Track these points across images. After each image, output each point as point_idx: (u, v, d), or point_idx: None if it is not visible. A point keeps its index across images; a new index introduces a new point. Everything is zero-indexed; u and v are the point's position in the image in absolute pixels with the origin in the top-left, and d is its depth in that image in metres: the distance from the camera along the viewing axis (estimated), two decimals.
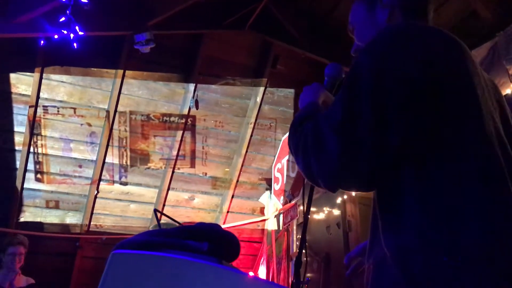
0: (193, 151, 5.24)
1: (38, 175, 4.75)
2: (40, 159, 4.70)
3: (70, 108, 4.64)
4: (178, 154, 5.12)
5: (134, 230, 5.20)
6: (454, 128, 0.96)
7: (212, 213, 5.60)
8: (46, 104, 4.54)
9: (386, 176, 0.97)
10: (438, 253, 0.86)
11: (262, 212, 5.71)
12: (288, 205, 4.92)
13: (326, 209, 4.66)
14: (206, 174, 5.41)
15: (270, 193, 5.45)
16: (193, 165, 5.31)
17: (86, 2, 2.96)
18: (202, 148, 5.26)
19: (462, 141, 0.95)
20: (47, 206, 4.87)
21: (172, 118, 5.02)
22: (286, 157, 5.03)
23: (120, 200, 5.14)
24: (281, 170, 5.16)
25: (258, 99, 5.15)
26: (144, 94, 4.82)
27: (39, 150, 4.67)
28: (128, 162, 5.04)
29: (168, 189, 5.22)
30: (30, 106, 4.43)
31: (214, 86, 5.02)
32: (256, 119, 5.21)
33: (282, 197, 5.07)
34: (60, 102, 4.59)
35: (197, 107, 4.79)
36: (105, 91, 4.66)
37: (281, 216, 5.13)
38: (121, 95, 4.68)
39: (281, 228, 5.15)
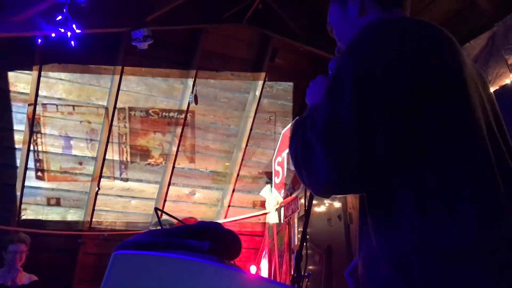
0: (193, 146, 5.24)
1: (39, 173, 4.76)
2: (40, 157, 4.71)
3: (69, 105, 4.63)
4: (178, 150, 5.12)
5: (135, 226, 5.22)
6: (445, 127, 0.94)
7: (213, 207, 5.62)
8: (45, 102, 4.53)
9: (377, 178, 0.95)
10: (434, 254, 0.87)
11: (263, 205, 5.72)
12: (289, 198, 4.93)
13: (327, 201, 4.67)
14: (207, 169, 5.41)
15: (271, 186, 5.46)
16: (193, 160, 5.31)
17: (83, 0, 2.95)
18: (202, 143, 5.26)
19: (453, 140, 0.93)
20: (49, 204, 4.88)
21: (171, 114, 5.02)
22: (286, 150, 5.03)
23: (121, 196, 5.15)
24: (281, 163, 5.17)
25: (257, 93, 5.14)
26: (142, 90, 4.82)
27: (39, 148, 4.67)
28: (128, 158, 5.04)
29: (168, 184, 5.23)
30: (29, 104, 4.43)
31: (212, 81, 5.01)
32: (255, 113, 5.21)
33: (283, 190, 5.08)
34: (59, 99, 4.59)
35: (196, 102, 4.78)
36: (103, 88, 4.65)
37: (282, 209, 5.14)
38: (120, 92, 4.68)
39: (282, 221, 5.16)
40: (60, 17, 3.01)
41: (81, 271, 5.03)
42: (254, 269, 5.46)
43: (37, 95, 4.43)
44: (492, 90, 3.05)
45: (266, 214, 5.61)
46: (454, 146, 0.93)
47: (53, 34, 3.13)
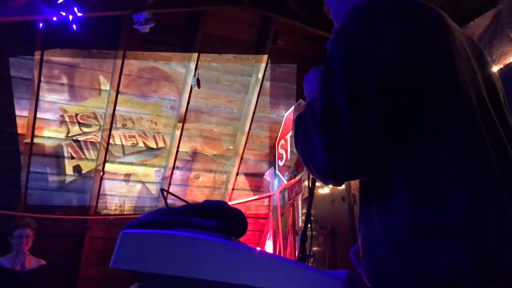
0: (196, 130, 5.24)
1: (44, 158, 4.78)
2: (44, 141, 4.73)
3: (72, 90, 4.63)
4: (181, 134, 5.13)
5: (140, 210, 5.25)
6: (431, 102, 0.95)
7: (217, 190, 5.64)
8: (47, 87, 4.53)
9: (373, 162, 0.97)
10: (425, 234, 0.88)
11: (267, 188, 5.75)
12: (292, 180, 4.95)
13: None
14: (210, 153, 5.42)
15: (275, 169, 5.48)
16: (197, 144, 5.33)
17: None
18: (206, 126, 5.26)
19: (440, 115, 0.94)
20: (55, 189, 4.92)
21: (173, 97, 5.01)
22: (290, 133, 5.03)
23: (126, 180, 5.17)
24: (284, 146, 5.17)
25: (260, 76, 5.12)
26: (145, 74, 4.80)
27: (41, 133, 4.68)
28: (132, 143, 5.06)
29: (173, 168, 5.25)
30: (32, 90, 4.42)
31: (215, 64, 4.99)
32: (258, 96, 5.19)
33: (286, 173, 5.09)
34: (61, 85, 4.58)
35: (198, 86, 4.77)
36: (106, 73, 4.64)
37: (286, 191, 5.17)
38: (122, 76, 4.67)
39: (286, 203, 5.19)
40: (61, 0, 2.99)
41: (88, 255, 5.09)
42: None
43: (39, 81, 4.42)
44: (496, 68, 3.04)
45: (270, 196, 5.64)
46: (440, 121, 0.94)
47: (54, 18, 3.11)
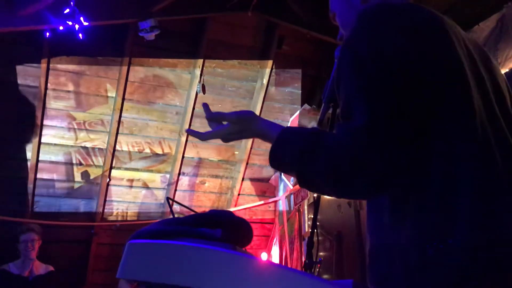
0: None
1: (51, 165, 4.81)
2: (51, 149, 4.76)
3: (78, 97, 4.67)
4: (187, 139, 5.15)
5: (147, 215, 5.27)
6: (444, 114, 0.95)
7: (223, 196, 5.65)
8: (54, 94, 4.56)
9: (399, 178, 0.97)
10: (433, 244, 0.89)
11: (272, 193, 5.75)
12: (298, 185, 4.95)
13: None
14: (216, 158, 5.44)
15: (280, 174, 5.48)
16: (203, 149, 5.34)
17: None
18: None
19: (452, 128, 0.94)
20: (61, 196, 4.95)
21: (179, 103, 5.03)
22: None
23: (132, 186, 5.19)
24: None
25: (265, 81, 5.13)
26: (151, 80, 4.83)
27: (49, 141, 4.72)
28: (138, 149, 5.08)
29: (179, 174, 5.26)
30: (39, 98, 4.46)
31: (220, 70, 5.01)
32: (263, 101, 5.20)
33: (292, 177, 5.09)
34: (67, 92, 4.61)
35: (204, 92, 4.79)
36: (112, 80, 4.67)
37: (292, 196, 5.16)
38: (128, 83, 4.70)
39: (292, 208, 5.19)
40: (67, 10, 3.02)
41: (95, 261, 5.11)
42: (265, 256, 5.50)
43: (46, 88, 4.46)
44: (502, 72, 3.03)
45: (276, 201, 5.64)
46: (450, 132, 0.94)
47: (61, 27, 3.15)
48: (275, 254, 5.35)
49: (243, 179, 5.57)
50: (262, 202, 5.61)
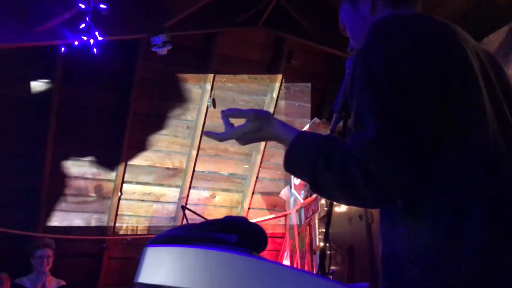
0: (212, 149, 5.28)
1: (63, 179, 4.86)
2: (64, 164, 4.81)
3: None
4: (198, 153, 5.17)
5: (158, 229, 5.27)
6: (457, 125, 0.96)
7: (233, 210, 5.65)
8: (68, 110, 4.63)
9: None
10: (445, 252, 0.91)
11: (283, 207, 5.73)
12: (309, 199, 4.93)
13: None
14: (226, 172, 5.45)
15: (291, 187, 5.47)
16: (213, 163, 5.36)
17: (105, 7, 3.02)
18: (221, 146, 5.29)
19: (464, 138, 0.95)
20: (73, 210, 4.98)
21: (190, 118, 5.07)
22: None
23: (143, 200, 5.22)
24: None
25: (274, 95, 5.17)
26: (161, 95, 4.89)
27: (64, 155, 4.77)
28: (149, 163, 5.11)
29: (189, 188, 5.28)
30: (53, 113, 4.52)
31: (230, 84, 5.06)
32: (273, 115, 5.21)
33: (302, 191, 5.08)
34: (81, 108, 4.68)
35: (214, 106, 4.83)
36: (123, 94, 4.72)
37: (302, 210, 5.14)
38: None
39: (303, 222, 5.16)
40: (83, 25, 3.09)
41: (106, 276, 5.11)
42: None
43: (60, 103, 4.53)
44: None
45: (286, 215, 5.62)
46: (462, 141, 0.95)
47: (76, 42, 3.21)
48: None
49: (253, 193, 5.57)
50: (273, 216, 5.59)
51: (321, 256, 2.11)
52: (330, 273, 2.20)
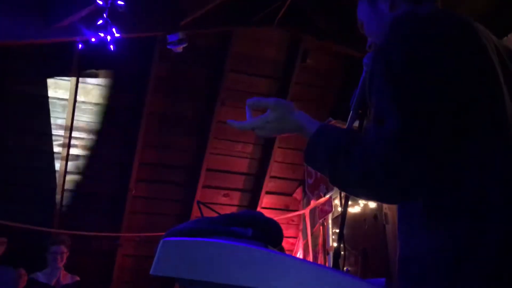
0: (224, 149, 5.29)
1: (77, 176, 4.90)
2: (78, 161, 4.86)
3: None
4: (209, 151, 5.18)
5: (170, 227, 5.29)
6: (479, 123, 0.94)
7: (245, 209, 5.64)
8: (83, 107, 4.67)
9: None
10: (465, 253, 0.89)
11: (296, 207, 5.71)
12: (322, 199, 4.91)
13: (362, 201, 4.62)
14: (239, 171, 5.45)
15: (304, 188, 5.45)
16: (225, 162, 5.36)
17: (122, 4, 3.04)
18: (234, 145, 5.30)
19: (486, 136, 0.94)
20: (87, 207, 5.02)
21: (202, 118, 5.09)
22: None
23: (155, 198, 5.24)
24: None
25: (289, 94, 5.14)
26: (174, 94, 4.91)
27: (77, 152, 4.81)
28: (162, 161, 5.13)
29: (201, 186, 5.29)
30: (68, 110, 4.57)
31: (243, 83, 5.05)
32: None
33: (316, 191, 5.06)
34: (96, 105, 4.72)
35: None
36: (138, 92, 4.76)
37: (315, 210, 5.12)
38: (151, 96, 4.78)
39: (316, 222, 5.14)
40: (100, 21, 3.11)
41: (119, 273, 5.14)
42: None
43: (75, 101, 4.57)
44: None
45: (299, 215, 5.60)
46: (483, 140, 0.93)
47: (93, 39, 3.24)
48: None
49: (266, 193, 5.56)
50: (285, 216, 5.57)
51: (335, 255, 2.10)
52: (344, 272, 2.19)
